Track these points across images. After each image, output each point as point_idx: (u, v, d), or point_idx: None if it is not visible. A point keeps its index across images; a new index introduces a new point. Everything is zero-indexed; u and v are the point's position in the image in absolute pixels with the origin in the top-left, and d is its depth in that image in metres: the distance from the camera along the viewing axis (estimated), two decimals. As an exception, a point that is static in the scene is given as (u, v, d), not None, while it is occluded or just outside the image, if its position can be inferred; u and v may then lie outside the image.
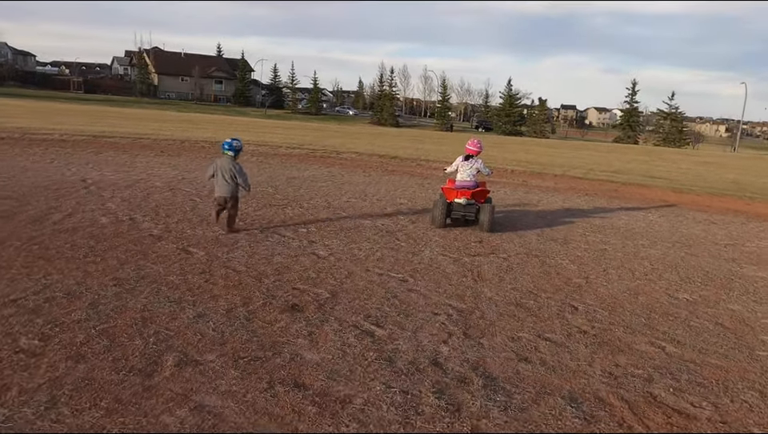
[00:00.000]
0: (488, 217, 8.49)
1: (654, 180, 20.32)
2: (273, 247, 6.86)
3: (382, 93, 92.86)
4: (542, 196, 13.77)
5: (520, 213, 10.83)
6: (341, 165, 17.71)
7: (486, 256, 7.19)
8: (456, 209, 8.60)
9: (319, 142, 26.61)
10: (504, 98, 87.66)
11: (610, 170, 23.42)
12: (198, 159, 16.33)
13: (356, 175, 15.01)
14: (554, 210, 11.62)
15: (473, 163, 8.70)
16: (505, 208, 11.38)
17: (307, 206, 9.64)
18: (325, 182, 12.95)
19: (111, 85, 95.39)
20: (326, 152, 21.83)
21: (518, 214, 10.64)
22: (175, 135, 24.36)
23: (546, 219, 10.31)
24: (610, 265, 7.25)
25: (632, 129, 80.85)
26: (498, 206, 11.12)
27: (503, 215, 10.32)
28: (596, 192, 15.58)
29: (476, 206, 8.59)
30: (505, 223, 9.70)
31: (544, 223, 9.96)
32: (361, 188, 12.36)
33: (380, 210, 9.88)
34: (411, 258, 6.83)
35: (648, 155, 40.13)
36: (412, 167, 18.61)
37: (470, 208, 8.57)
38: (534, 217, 10.51)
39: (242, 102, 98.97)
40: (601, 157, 32.52)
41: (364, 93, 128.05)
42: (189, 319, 4.52)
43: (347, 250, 6.97)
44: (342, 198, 10.80)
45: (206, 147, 20.55)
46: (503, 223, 9.73)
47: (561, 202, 13.01)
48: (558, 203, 12.68)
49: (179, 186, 10.79)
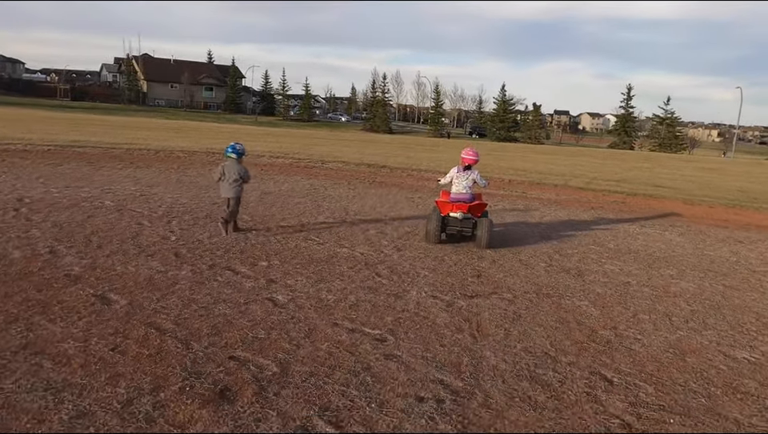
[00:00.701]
0: (486, 232, 7.86)
1: (660, 190, 19.06)
2: (219, 289, 5.45)
3: (375, 99, 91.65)
4: (545, 211, 12.43)
5: (522, 233, 9.47)
6: (325, 176, 16.34)
7: (487, 297, 5.81)
8: (451, 224, 7.96)
9: (306, 150, 25.25)
10: (498, 104, 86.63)
11: (613, 179, 22.15)
12: (168, 171, 14.92)
13: (339, 188, 13.63)
14: (560, 228, 10.27)
15: (469, 174, 8.12)
16: (505, 225, 10.03)
17: (275, 230, 8.23)
18: (303, 198, 11.56)
19: (99, 92, 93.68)
20: (311, 161, 20.47)
21: (521, 235, 9.29)
22: (152, 144, 22.94)
23: (552, 241, 8.95)
24: (639, 307, 5.88)
25: (627, 134, 79.98)
26: (498, 224, 9.78)
27: (503, 234, 8.96)
28: (602, 205, 14.26)
29: (473, 221, 7.97)
30: (507, 244, 8.34)
31: (551, 246, 8.60)
32: (342, 204, 10.97)
33: (361, 233, 8.49)
34: (393, 302, 5.44)
35: (647, 162, 38.99)
36: (402, 178, 17.25)
37: (466, 223, 7.93)
38: (539, 238, 9.15)
39: (233, 109, 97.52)
40: (600, 164, 31.33)
41: (357, 99, 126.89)
42: (61, 421, 3.11)
43: (313, 292, 5.57)
44: (319, 218, 9.41)
45: (181, 157, 19.14)
46: (504, 242, 8.38)
47: (566, 217, 11.67)
48: (562, 219, 11.34)
49: (131, 206, 9.36)
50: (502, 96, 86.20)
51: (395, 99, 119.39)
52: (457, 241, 8.26)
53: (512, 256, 7.73)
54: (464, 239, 8.20)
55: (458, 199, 7.98)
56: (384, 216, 10.11)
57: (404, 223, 9.57)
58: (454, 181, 8.17)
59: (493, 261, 7.37)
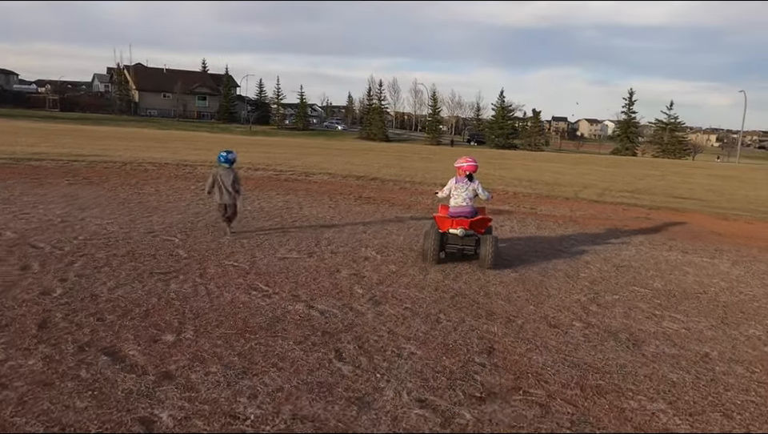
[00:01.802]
0: (490, 251, 6.94)
1: (683, 201, 17.00)
2: (68, 401, 3.32)
3: (371, 107, 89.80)
4: (562, 233, 10.34)
5: (541, 269, 7.36)
6: (306, 191, 14.25)
7: (506, 401, 3.67)
8: (451, 241, 7.12)
9: (292, 161, 23.19)
10: (497, 110, 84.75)
11: (627, 189, 20.09)
12: (121, 187, 12.84)
13: (318, 206, 11.54)
14: (586, 258, 8.17)
15: (468, 185, 7.29)
16: (518, 256, 7.93)
17: (212, 274, 6.12)
18: (269, 221, 9.46)
19: (89, 102, 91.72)
20: (295, 174, 18.41)
21: (539, 270, 7.19)
22: (122, 156, 20.90)
23: (581, 281, 6.86)
24: (747, 413, 3.76)
25: (630, 140, 78.08)
26: (511, 255, 7.70)
27: (522, 276, 6.87)
28: (625, 223, 12.17)
29: (475, 238, 7.10)
30: (526, 288, 6.24)
31: (581, 289, 6.50)
32: (314, 232, 8.85)
33: (329, 275, 6.39)
34: (354, 420, 3.32)
35: (656, 168, 36.99)
36: (393, 192, 15.16)
37: (468, 240, 7.09)
38: (563, 276, 7.04)
39: (227, 119, 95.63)
40: (608, 172, 29.28)
41: (354, 107, 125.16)
42: None
43: (225, 403, 3.43)
44: (280, 252, 7.30)
45: (147, 171, 17.07)
46: (521, 283, 6.28)
47: (589, 242, 9.56)
48: (585, 245, 9.24)
49: (36, 239, 7.24)
50: (500, 102, 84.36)
51: (392, 107, 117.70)
52: (459, 259, 7.25)
53: (534, 310, 5.61)
54: (465, 258, 7.26)
55: (458, 214, 7.10)
56: (365, 246, 8.00)
57: (389, 256, 7.47)
58: (453, 193, 7.31)
59: (508, 319, 5.25)
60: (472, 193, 7.24)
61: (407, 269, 6.81)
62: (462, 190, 7.24)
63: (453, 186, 7.32)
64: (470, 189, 7.23)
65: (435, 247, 7.01)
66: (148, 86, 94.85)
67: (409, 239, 8.67)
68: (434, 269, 6.91)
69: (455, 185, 7.30)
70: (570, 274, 7.21)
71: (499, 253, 7.21)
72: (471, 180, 7.29)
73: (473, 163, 7.40)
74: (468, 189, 7.22)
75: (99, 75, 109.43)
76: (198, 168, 18.51)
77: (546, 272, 7.20)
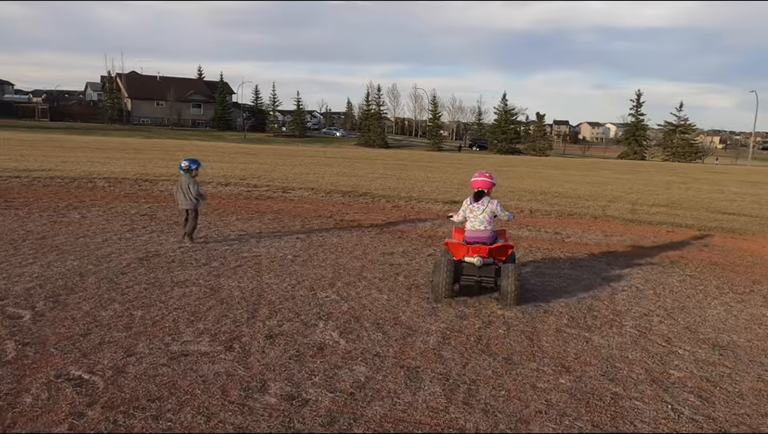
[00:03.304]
0: (513, 283, 5.70)
1: (733, 219, 14.19)
2: None
3: (369, 112, 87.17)
4: (605, 273, 7.55)
5: (605, 367, 4.59)
6: (276, 213, 11.53)
7: None
8: (467, 272, 5.91)
9: (273, 173, 20.48)
10: (499, 114, 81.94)
11: (659, 202, 17.30)
12: (45, 212, 10.16)
13: (281, 239, 8.80)
14: (661, 330, 5.40)
15: (485, 205, 6.09)
16: (555, 316, 5.15)
17: (28, 404, 3.37)
18: (198, 269, 6.72)
19: (80, 111, 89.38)
20: (271, 189, 15.72)
21: (603, 369, 4.42)
22: (79, 170, 18.24)
23: (676, 390, 4.09)
24: None
25: (638, 143, 75.23)
26: (547, 311, 4.95)
27: (574, 377, 4.10)
28: (679, 253, 9.39)
29: (495, 267, 5.91)
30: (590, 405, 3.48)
31: (682, 410, 3.74)
32: (256, 291, 6.08)
33: (239, 403, 3.62)
34: None
35: (676, 174, 34.20)
36: (385, 212, 12.40)
37: (487, 270, 5.89)
38: (649, 383, 4.27)
39: (222, 126, 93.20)
40: (627, 180, 26.45)
41: (353, 113, 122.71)
42: None
43: None
44: (178, 341, 4.53)
45: (99, 188, 14.49)
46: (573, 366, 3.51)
47: (650, 293, 6.78)
48: (646, 301, 6.46)
49: None
50: (503, 106, 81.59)
51: (392, 113, 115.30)
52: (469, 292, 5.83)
53: None
54: (483, 290, 6.15)
55: (475, 240, 6.07)
56: (325, 316, 5.24)
57: (359, 342, 4.69)
58: (468, 215, 6.21)
59: None
60: (490, 214, 6.12)
61: (388, 381, 4.01)
62: (477, 211, 6.12)
63: (468, 208, 6.18)
64: (486, 210, 6.09)
65: (448, 279, 5.76)
66: (140, 94, 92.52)
67: (396, 299, 5.91)
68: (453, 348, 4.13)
69: (470, 206, 6.16)
70: (656, 375, 4.41)
71: (524, 285, 6.10)
72: (486, 199, 6.14)
73: (487, 179, 6.21)
74: (486, 210, 6.09)
75: (92, 84, 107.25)
76: (160, 183, 15.84)
77: (616, 378, 4.40)
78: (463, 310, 5.67)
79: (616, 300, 6.36)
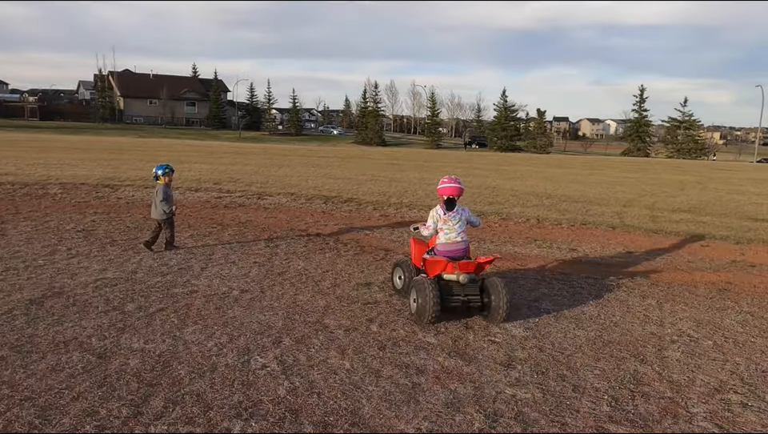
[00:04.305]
0: (505, 298, 5.10)
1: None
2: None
3: (366, 110, 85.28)
4: (635, 305, 5.82)
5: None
6: (240, 227, 9.81)
7: None
8: (453, 292, 5.21)
9: (254, 176, 18.72)
10: (499, 111, 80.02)
11: (681, 206, 15.55)
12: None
13: (234, 265, 7.07)
14: (733, 405, 3.69)
15: (460, 213, 5.57)
16: (586, 394, 3.44)
17: None
18: (87, 323, 4.98)
19: (71, 110, 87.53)
20: (246, 195, 14.02)
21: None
22: (38, 174, 16.54)
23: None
24: None
25: (641, 140, 73.36)
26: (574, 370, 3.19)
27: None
28: (727, 275, 7.66)
29: (478, 282, 5.29)
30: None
31: None
32: (160, 359, 4.34)
33: None
34: None
35: (686, 172, 32.41)
36: (370, 223, 10.65)
37: (472, 288, 5.26)
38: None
39: (217, 125, 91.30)
40: (636, 180, 24.65)
41: (351, 111, 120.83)
42: None
43: None
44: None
45: (50, 195, 12.90)
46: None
47: (710, 344, 5.03)
48: (707, 357, 4.73)
49: None
50: (503, 102, 79.67)
51: (390, 110, 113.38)
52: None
53: None
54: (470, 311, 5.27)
55: (455, 253, 5.38)
56: (250, 409, 3.51)
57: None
58: (442, 227, 5.51)
59: None
60: (465, 223, 5.65)
61: None
62: (453, 221, 5.56)
63: (440, 218, 5.58)
64: (462, 218, 5.61)
65: (435, 303, 5.02)
66: (133, 93, 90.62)
67: (362, 369, 4.16)
68: None
69: (444, 217, 5.57)
70: None
71: (512, 298, 5.48)
72: (458, 207, 5.61)
73: (457, 185, 5.60)
74: (461, 219, 5.59)
75: (84, 83, 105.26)
76: (122, 189, 14.13)
77: None
78: (456, 390, 3.92)
79: (668, 362, 4.62)
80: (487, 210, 12.93)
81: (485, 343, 4.84)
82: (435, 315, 5.05)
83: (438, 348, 4.67)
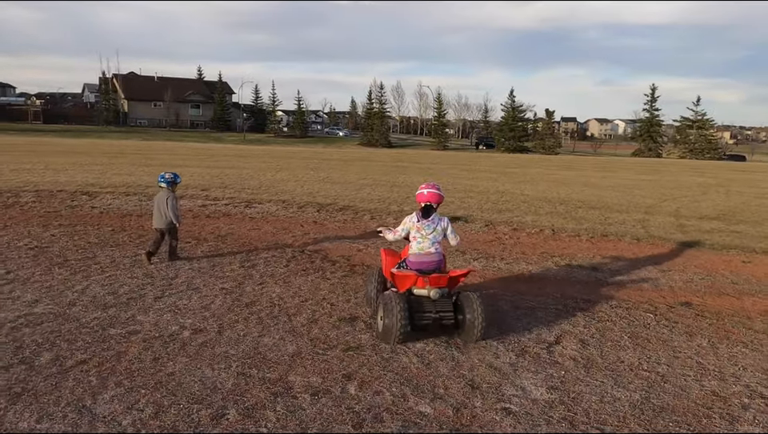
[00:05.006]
0: (478, 315, 4.69)
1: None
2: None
3: (371, 111, 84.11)
4: (688, 359, 4.61)
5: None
6: (217, 241, 8.69)
7: None
8: (424, 308, 4.76)
9: (249, 180, 17.61)
10: (507, 111, 78.56)
11: (708, 213, 14.26)
12: None
13: (195, 291, 5.92)
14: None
15: (436, 223, 5.08)
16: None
17: None
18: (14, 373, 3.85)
19: (76, 113, 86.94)
20: (234, 201, 12.98)
21: None
22: (15, 180, 15.66)
23: None
24: None
25: (653, 140, 71.67)
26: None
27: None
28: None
29: (452, 299, 4.89)
30: None
31: None
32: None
33: None
34: None
35: (704, 174, 30.97)
36: (365, 237, 9.44)
37: (445, 304, 4.82)
38: None
39: (222, 127, 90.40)
40: (654, 182, 23.27)
41: (356, 113, 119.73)
42: None
43: None
44: None
45: (19, 204, 11.91)
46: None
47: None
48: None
49: None
50: (511, 103, 78.20)
51: (396, 111, 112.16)
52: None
53: None
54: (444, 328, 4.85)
55: (425, 265, 4.93)
56: None
57: None
58: (414, 235, 5.05)
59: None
60: (441, 234, 5.08)
61: None
62: (428, 230, 5.02)
63: (414, 226, 5.02)
64: (438, 228, 5.04)
65: (404, 320, 4.52)
66: (137, 95, 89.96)
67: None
68: None
69: (417, 224, 5.02)
70: None
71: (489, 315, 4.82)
72: (436, 216, 5.05)
73: (437, 192, 5.08)
74: (436, 229, 5.03)
75: (89, 85, 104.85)
76: (100, 197, 13.09)
77: None
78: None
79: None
80: (496, 218, 11.72)
81: (497, 413, 3.64)
82: (403, 336, 4.64)
83: (435, 423, 3.49)
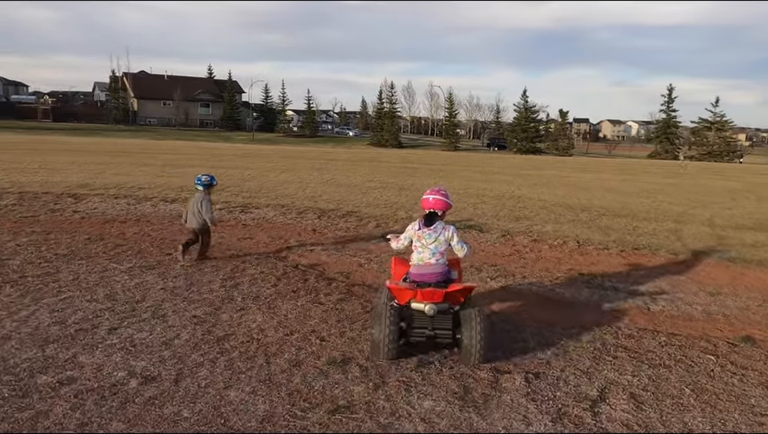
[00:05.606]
0: (479, 335, 4.27)
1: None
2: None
3: (382, 111, 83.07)
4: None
5: None
6: (209, 254, 7.66)
7: None
8: (417, 323, 4.44)
9: (248, 182, 16.68)
10: (519, 112, 77.16)
11: (744, 222, 13.08)
12: None
13: (160, 319, 4.92)
14: None
15: (438, 231, 4.65)
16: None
17: None
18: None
19: (85, 112, 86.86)
20: (228, 207, 12.13)
21: None
22: (3, 181, 14.75)
23: None
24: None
25: (670, 142, 69.96)
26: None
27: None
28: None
29: (451, 314, 4.47)
30: None
31: None
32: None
33: None
34: None
35: (726, 177, 29.60)
36: (369, 248, 8.40)
37: (442, 321, 4.44)
38: None
39: (231, 126, 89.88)
40: (682, 188, 21.98)
41: (367, 112, 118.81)
42: None
43: None
44: None
45: None
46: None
47: None
48: None
49: None
50: (523, 103, 76.80)
51: (407, 111, 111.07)
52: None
53: None
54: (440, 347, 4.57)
55: (424, 277, 4.56)
56: None
57: None
58: (415, 244, 4.71)
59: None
60: (444, 244, 4.62)
61: None
62: (429, 239, 4.61)
63: (415, 234, 4.65)
64: (439, 238, 4.60)
65: (392, 334, 4.25)
66: (147, 94, 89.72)
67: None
68: None
69: (419, 232, 4.63)
70: None
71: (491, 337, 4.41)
72: (440, 224, 4.65)
73: (442, 198, 4.69)
74: (438, 238, 4.60)
75: (100, 84, 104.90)
76: (85, 201, 12.24)
77: None
78: None
79: None
80: (514, 228, 10.64)
81: None
82: (391, 352, 4.31)
83: None
